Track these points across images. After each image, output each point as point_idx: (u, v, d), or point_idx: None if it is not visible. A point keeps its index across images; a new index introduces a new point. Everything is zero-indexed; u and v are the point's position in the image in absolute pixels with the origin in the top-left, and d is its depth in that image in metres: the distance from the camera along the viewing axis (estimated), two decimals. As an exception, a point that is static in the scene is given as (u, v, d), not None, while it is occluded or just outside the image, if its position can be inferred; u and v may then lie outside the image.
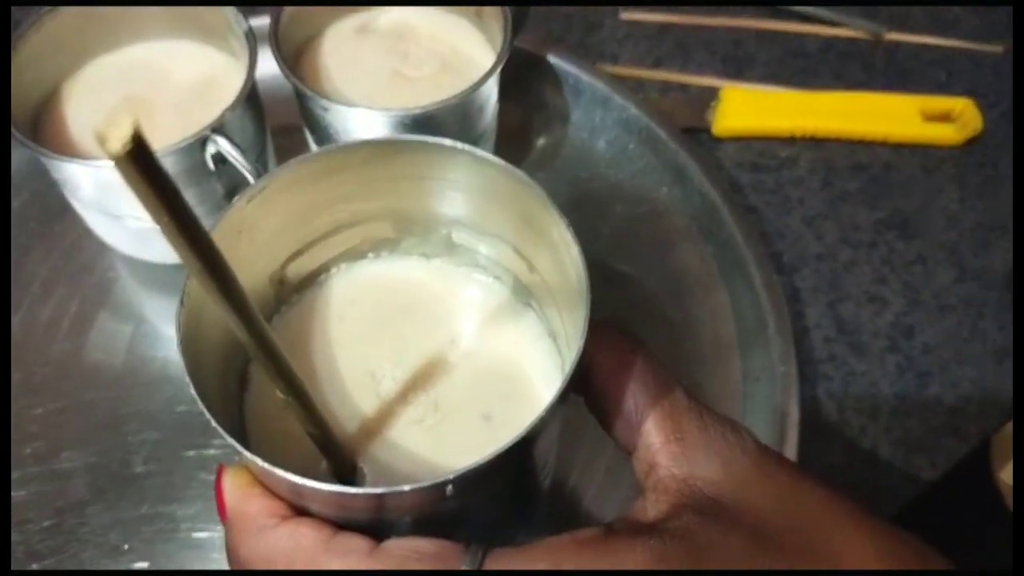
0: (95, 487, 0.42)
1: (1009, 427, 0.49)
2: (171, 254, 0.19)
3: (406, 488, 0.22)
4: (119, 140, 0.16)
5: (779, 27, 0.63)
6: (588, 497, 0.42)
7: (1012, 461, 0.50)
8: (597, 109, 0.55)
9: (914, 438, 0.46)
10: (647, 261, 0.50)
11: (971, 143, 0.57)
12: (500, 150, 0.52)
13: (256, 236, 0.30)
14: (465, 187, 0.31)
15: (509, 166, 0.29)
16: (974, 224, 0.53)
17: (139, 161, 0.16)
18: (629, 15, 0.63)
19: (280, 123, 0.48)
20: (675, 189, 0.52)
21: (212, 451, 0.42)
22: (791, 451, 0.42)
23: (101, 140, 0.16)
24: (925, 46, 0.62)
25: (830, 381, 0.47)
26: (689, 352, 0.47)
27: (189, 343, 0.26)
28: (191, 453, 0.43)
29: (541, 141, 0.56)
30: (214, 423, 0.24)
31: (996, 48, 0.62)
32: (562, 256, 0.28)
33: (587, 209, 0.52)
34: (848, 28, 0.63)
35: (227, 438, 0.23)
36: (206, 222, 0.27)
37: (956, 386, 0.47)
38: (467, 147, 0.29)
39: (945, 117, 0.57)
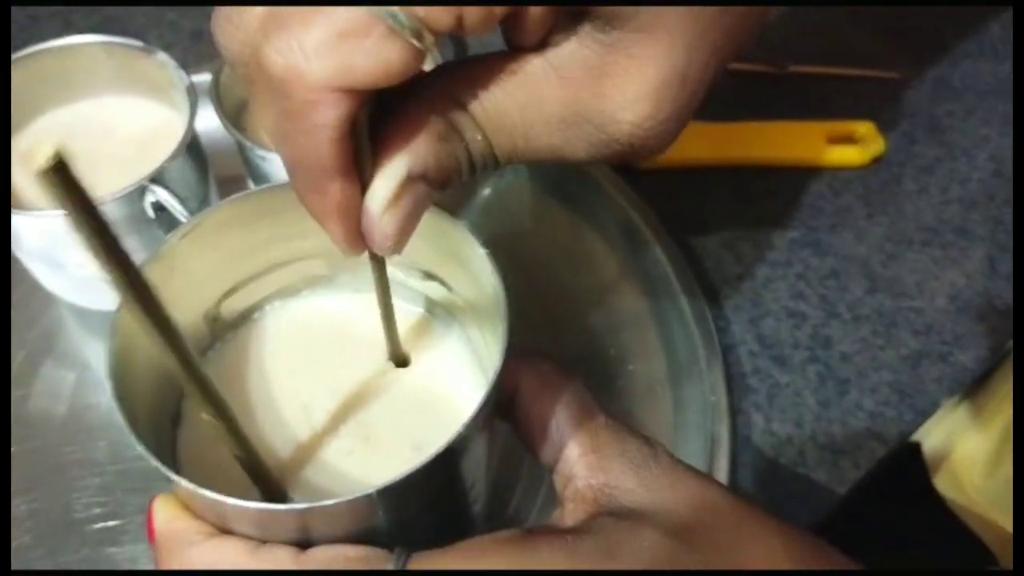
0: (37, 533, 0.41)
1: (937, 436, 0.51)
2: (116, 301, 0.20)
3: (327, 503, 0.22)
4: (43, 156, 0.17)
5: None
6: (529, 523, 0.42)
7: (945, 472, 0.51)
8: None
9: (838, 443, 0.46)
10: (583, 299, 0.51)
11: (875, 163, 0.59)
12: (441, 195, 0.52)
13: (189, 273, 0.30)
14: None
15: None
16: (881, 238, 0.55)
17: (60, 176, 0.17)
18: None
19: (227, 173, 0.48)
20: (610, 229, 0.53)
21: (153, 494, 0.42)
22: (722, 475, 0.42)
23: (28, 158, 0.17)
24: (828, 76, 0.65)
25: (756, 394, 0.48)
26: (623, 386, 0.47)
27: (120, 376, 0.26)
28: (133, 499, 0.42)
29: (482, 183, 0.56)
30: (139, 446, 0.24)
31: (893, 74, 0.65)
32: (484, 284, 0.29)
33: (525, 252, 0.52)
34: (754, 64, 0.65)
35: (151, 459, 0.24)
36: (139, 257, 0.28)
37: (874, 391, 0.48)
38: None
39: (849, 140, 0.59)
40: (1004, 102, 0.63)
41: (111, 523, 0.42)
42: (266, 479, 0.28)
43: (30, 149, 0.16)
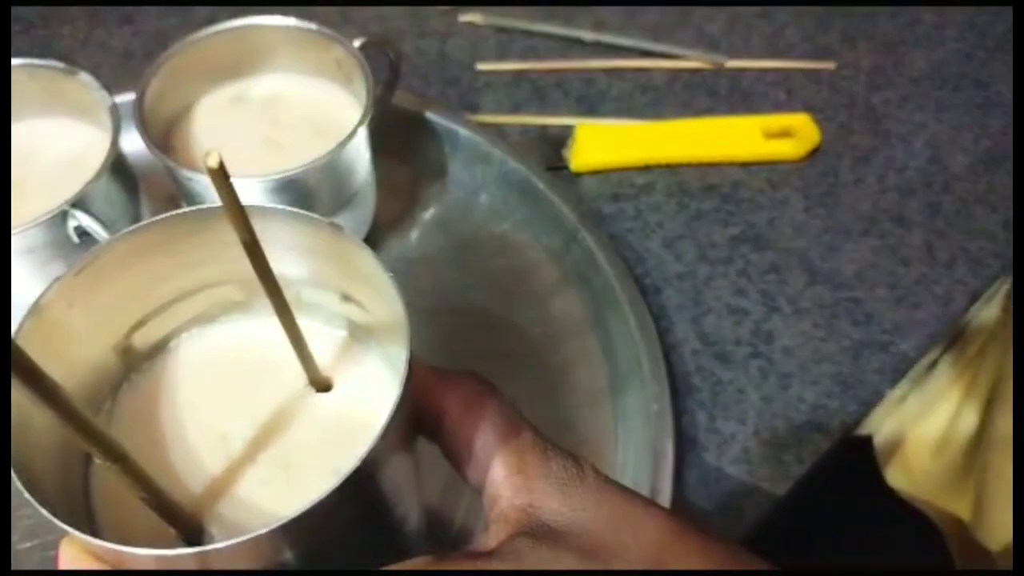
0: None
1: (887, 429, 0.51)
2: None
3: (223, 545, 0.22)
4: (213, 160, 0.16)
5: (627, 65, 0.65)
6: (474, 541, 0.41)
7: (896, 464, 0.51)
8: (477, 164, 0.56)
9: (781, 437, 0.46)
10: (527, 309, 0.50)
11: (812, 155, 0.59)
12: (382, 207, 0.52)
13: (91, 308, 0.29)
14: (297, 247, 0.31)
15: (329, 222, 0.29)
16: (820, 231, 0.55)
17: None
18: (484, 65, 0.64)
19: (161, 192, 0.47)
20: (554, 238, 0.53)
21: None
22: (665, 484, 0.42)
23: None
24: (764, 70, 0.65)
25: (699, 392, 0.48)
26: (564, 396, 0.46)
27: (19, 427, 0.25)
28: (35, 504, 0.41)
29: (423, 197, 0.56)
30: (27, 494, 0.23)
31: (829, 65, 0.65)
32: (389, 302, 0.28)
33: (470, 262, 0.52)
34: (691, 60, 0.65)
35: (41, 510, 0.23)
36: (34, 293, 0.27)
37: (816, 383, 0.48)
38: (286, 208, 0.29)
39: (785, 133, 0.59)
40: (938, 88, 0.64)
41: (51, 552, 0.41)
42: (178, 517, 0.27)
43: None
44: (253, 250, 0.26)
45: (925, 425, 0.53)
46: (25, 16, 0.71)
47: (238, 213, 0.24)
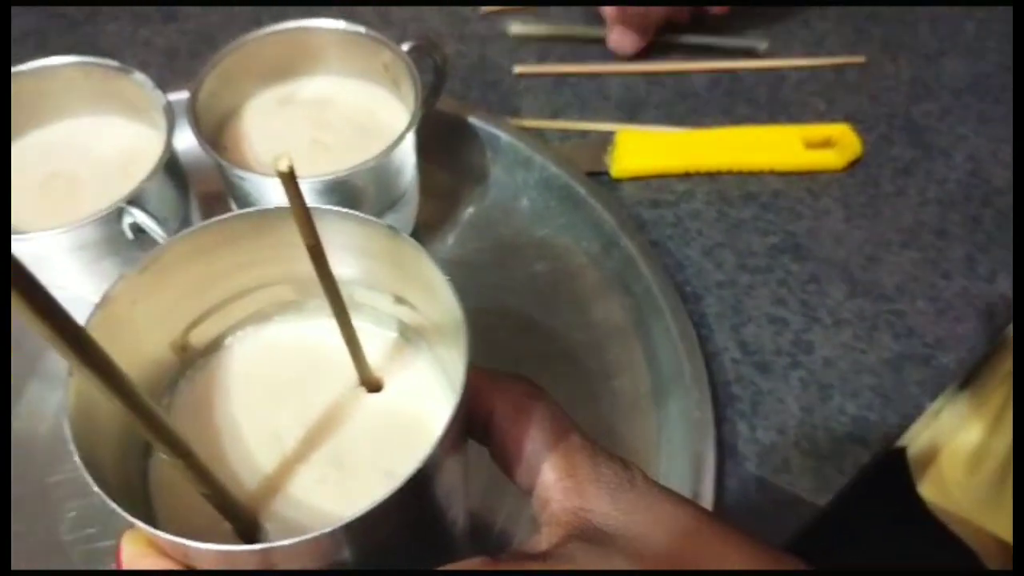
0: (23, 555, 0.41)
1: (921, 441, 0.50)
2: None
3: (287, 543, 0.22)
4: (284, 164, 0.16)
5: (667, 68, 0.65)
6: (515, 543, 0.41)
7: (930, 477, 0.51)
8: (518, 169, 0.56)
9: (822, 449, 0.46)
10: (568, 314, 0.50)
11: (852, 166, 0.58)
12: (424, 211, 0.52)
13: (153, 306, 0.30)
14: (353, 248, 0.31)
15: (386, 225, 0.29)
16: (860, 241, 0.54)
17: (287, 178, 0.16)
18: (523, 68, 0.64)
19: (208, 190, 0.48)
20: (595, 244, 0.53)
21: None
22: (707, 492, 0.42)
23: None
24: (804, 79, 0.64)
25: (739, 401, 0.48)
26: (607, 403, 0.46)
27: (82, 415, 0.25)
28: (119, 519, 0.41)
29: (465, 201, 0.56)
30: (95, 487, 0.23)
31: (859, 59, 0.65)
32: (448, 308, 0.28)
33: (511, 266, 0.52)
34: (728, 58, 0.65)
35: (109, 503, 0.23)
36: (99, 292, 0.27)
37: (856, 395, 0.48)
38: (346, 211, 0.29)
39: (826, 143, 0.59)
40: (980, 101, 0.63)
41: (98, 544, 0.41)
42: (236, 513, 0.27)
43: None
44: (316, 253, 0.26)
45: (960, 439, 0.53)
46: (70, 13, 0.72)
47: (305, 217, 0.24)
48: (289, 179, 0.22)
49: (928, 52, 0.67)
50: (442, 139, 0.56)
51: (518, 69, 0.64)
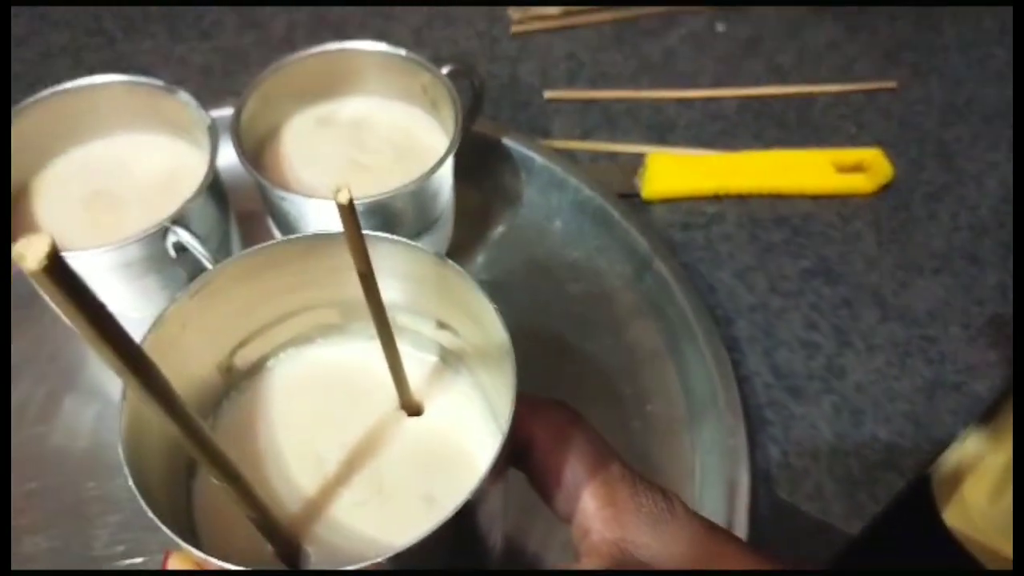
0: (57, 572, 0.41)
1: (946, 467, 0.50)
2: (137, 336, 0.19)
3: (336, 572, 0.22)
4: (35, 258, 0.16)
5: (696, 95, 0.65)
6: (547, 567, 0.41)
7: (955, 503, 0.50)
8: (551, 190, 0.56)
9: (855, 475, 0.46)
10: (600, 337, 0.50)
11: (884, 190, 0.58)
12: (458, 232, 0.52)
13: (201, 328, 0.30)
14: (400, 274, 0.31)
15: (434, 252, 0.29)
16: (892, 266, 0.54)
17: (56, 276, 0.16)
18: (552, 94, 0.65)
19: (246, 208, 0.48)
20: (628, 267, 0.53)
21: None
22: (741, 519, 0.41)
23: (19, 258, 0.16)
24: (834, 103, 0.64)
25: (772, 426, 0.47)
26: (640, 427, 0.46)
27: (132, 436, 0.25)
28: (154, 537, 0.41)
29: (498, 222, 0.56)
30: (150, 513, 0.23)
31: (891, 84, 0.65)
32: (493, 337, 0.29)
33: (543, 288, 0.52)
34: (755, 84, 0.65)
35: (163, 528, 0.23)
36: (153, 314, 0.27)
37: (889, 422, 0.47)
38: (393, 237, 0.29)
39: (857, 168, 0.58)
40: (1010, 126, 0.63)
41: (132, 560, 0.41)
42: (278, 535, 0.27)
43: (21, 246, 0.16)
44: (368, 281, 0.26)
45: (984, 465, 0.52)
46: (107, 30, 0.72)
47: (359, 246, 0.25)
48: (348, 211, 0.23)
49: (958, 77, 0.67)
50: (476, 160, 0.56)
51: (548, 95, 0.65)
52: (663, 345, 0.49)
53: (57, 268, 0.16)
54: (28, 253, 0.16)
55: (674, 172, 0.58)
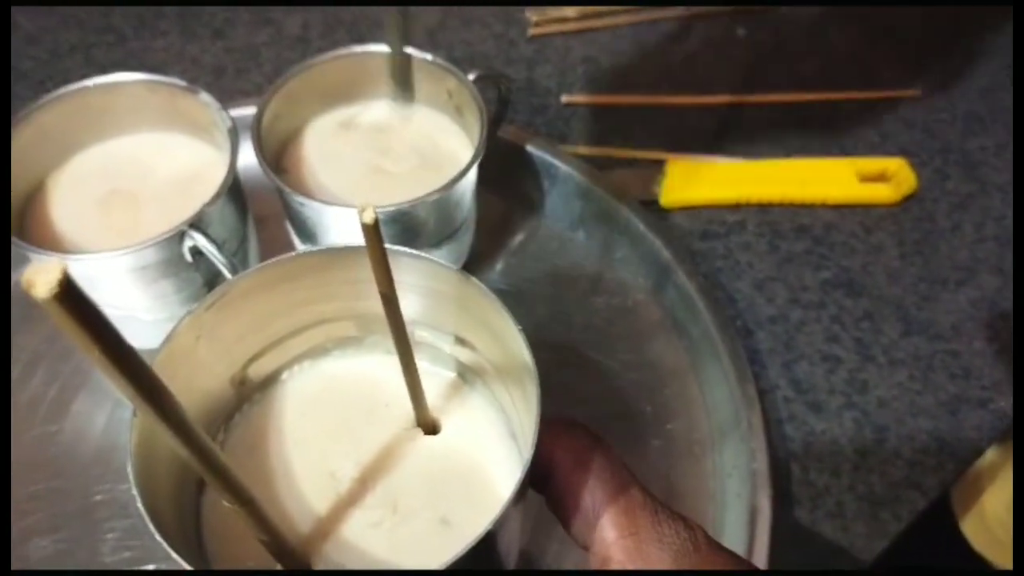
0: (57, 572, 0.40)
1: (966, 480, 0.48)
2: (149, 339, 0.18)
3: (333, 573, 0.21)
4: (46, 286, 0.15)
5: (715, 100, 0.63)
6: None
7: (973, 514, 0.49)
8: (574, 199, 0.54)
9: (877, 493, 0.44)
10: (622, 352, 0.48)
11: (907, 200, 0.57)
12: (480, 241, 0.51)
13: (215, 341, 0.29)
14: (420, 289, 0.30)
15: (457, 270, 0.28)
16: (915, 279, 0.53)
17: (67, 304, 0.15)
18: (569, 98, 0.63)
19: (265, 212, 0.47)
20: (650, 280, 0.51)
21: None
22: (762, 545, 0.40)
23: (28, 285, 0.15)
24: (857, 111, 0.63)
25: (792, 441, 0.46)
26: (660, 446, 0.45)
27: (142, 451, 0.24)
28: (159, 543, 0.41)
29: (519, 229, 0.54)
30: (158, 536, 0.22)
31: (915, 92, 0.63)
32: (515, 356, 0.27)
33: (565, 300, 0.51)
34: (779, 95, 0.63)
35: (170, 551, 0.22)
36: (170, 322, 0.26)
37: (912, 438, 0.46)
38: (416, 252, 0.28)
39: (881, 177, 0.57)
40: (1037, 136, 0.61)
41: (140, 568, 0.41)
42: (290, 558, 0.26)
43: (31, 273, 0.15)
44: (390, 299, 0.25)
45: (1003, 476, 0.51)
46: (119, 28, 0.71)
47: (383, 267, 0.24)
48: (372, 230, 0.22)
49: (982, 86, 0.65)
50: (498, 167, 0.54)
51: (565, 99, 0.63)
52: (686, 363, 0.47)
53: (68, 296, 0.15)
54: (38, 280, 0.15)
55: (693, 179, 0.56)
